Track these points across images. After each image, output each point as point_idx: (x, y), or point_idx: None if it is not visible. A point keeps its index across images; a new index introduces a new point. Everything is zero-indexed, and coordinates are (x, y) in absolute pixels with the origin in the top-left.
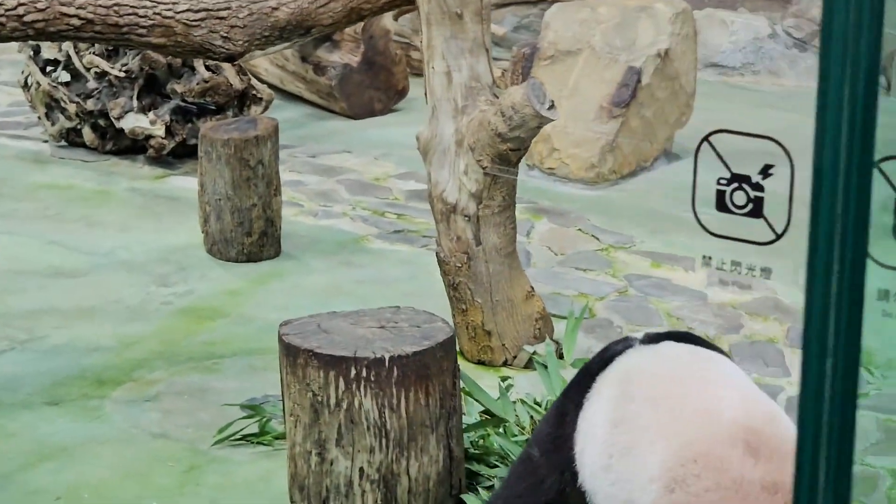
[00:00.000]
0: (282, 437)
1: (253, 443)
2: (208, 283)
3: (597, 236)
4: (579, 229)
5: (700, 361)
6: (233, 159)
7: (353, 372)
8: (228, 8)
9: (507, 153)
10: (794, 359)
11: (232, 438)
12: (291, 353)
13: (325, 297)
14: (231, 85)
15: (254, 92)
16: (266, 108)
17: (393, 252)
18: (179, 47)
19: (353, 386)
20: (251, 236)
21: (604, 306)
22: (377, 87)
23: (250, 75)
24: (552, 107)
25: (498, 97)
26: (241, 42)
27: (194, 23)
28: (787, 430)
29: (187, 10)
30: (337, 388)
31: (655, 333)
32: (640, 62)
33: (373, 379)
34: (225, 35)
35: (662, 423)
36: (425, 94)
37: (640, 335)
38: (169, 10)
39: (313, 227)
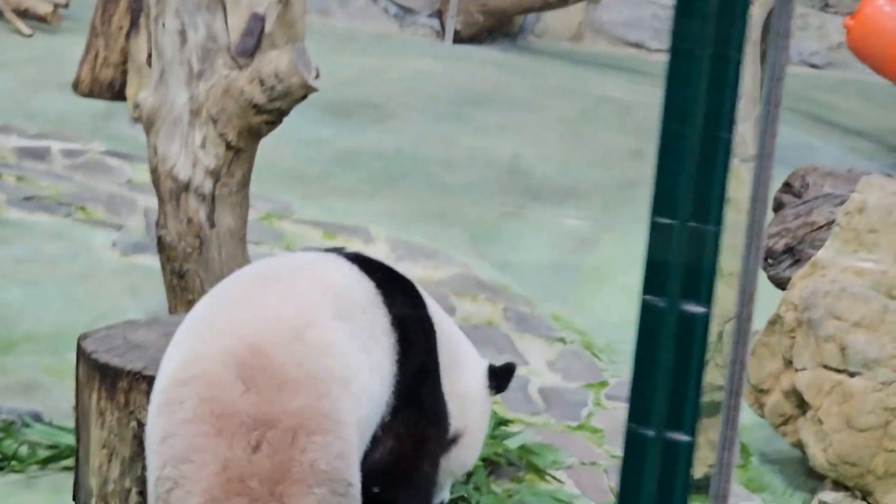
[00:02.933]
0: (44, 462)
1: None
2: None
3: (251, 203)
4: None
5: (300, 268)
6: None
7: None
8: None
9: (260, 126)
10: (523, 343)
11: None
12: (108, 375)
13: None
14: None
15: None
16: None
17: (36, 224)
18: None
19: None
20: None
21: None
22: None
23: None
24: (318, 75)
25: (238, 60)
26: None
27: None
28: (301, 354)
29: None
30: None
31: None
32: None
33: None
34: None
35: (181, 333)
36: (149, 55)
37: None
38: None
39: None
